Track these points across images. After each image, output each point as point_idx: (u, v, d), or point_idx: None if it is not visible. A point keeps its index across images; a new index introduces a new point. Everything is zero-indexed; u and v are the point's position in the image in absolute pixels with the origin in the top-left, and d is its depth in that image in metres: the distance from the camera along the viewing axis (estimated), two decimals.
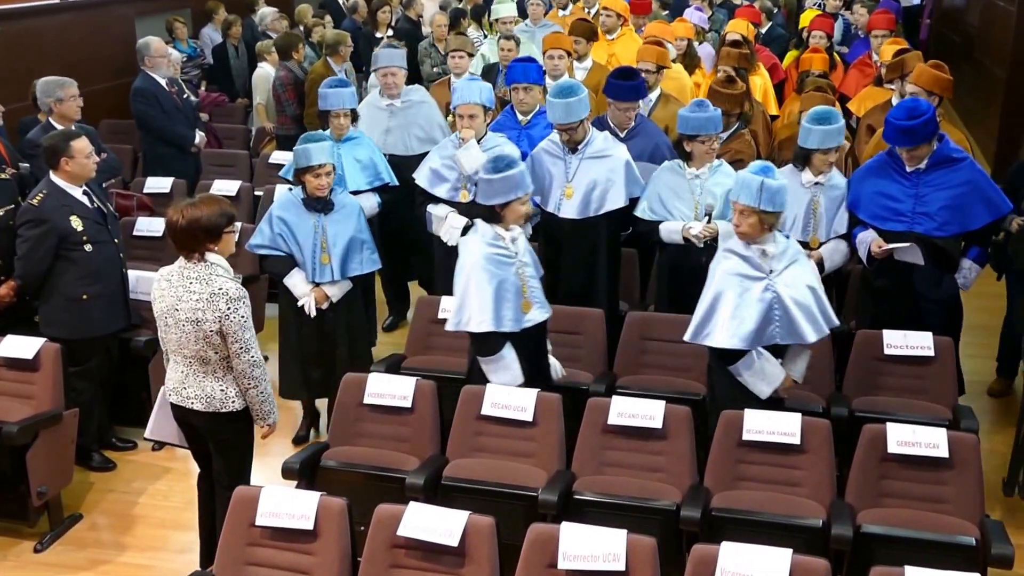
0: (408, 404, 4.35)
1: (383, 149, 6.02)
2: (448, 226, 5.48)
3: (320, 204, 4.95)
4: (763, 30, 9.49)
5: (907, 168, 4.81)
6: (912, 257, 4.76)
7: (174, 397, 3.94)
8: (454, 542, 3.29)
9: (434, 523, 3.33)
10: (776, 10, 10.40)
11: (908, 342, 4.66)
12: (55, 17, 8.58)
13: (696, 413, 4.18)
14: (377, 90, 6.51)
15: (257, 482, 3.93)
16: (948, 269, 4.89)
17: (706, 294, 4.13)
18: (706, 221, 4.94)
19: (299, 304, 4.98)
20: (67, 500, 4.85)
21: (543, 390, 4.31)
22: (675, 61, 7.13)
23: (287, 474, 4.18)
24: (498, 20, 8.53)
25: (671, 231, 5.03)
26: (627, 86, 5.39)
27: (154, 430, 4.14)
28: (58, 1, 8.63)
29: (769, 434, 3.97)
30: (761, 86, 7.32)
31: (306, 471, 4.21)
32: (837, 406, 4.50)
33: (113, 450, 5.35)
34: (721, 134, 5.20)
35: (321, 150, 4.86)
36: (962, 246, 4.95)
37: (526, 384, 4.32)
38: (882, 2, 9.68)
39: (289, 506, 3.47)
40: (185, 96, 7.77)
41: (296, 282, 4.98)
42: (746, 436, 4.00)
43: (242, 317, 3.77)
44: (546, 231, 5.37)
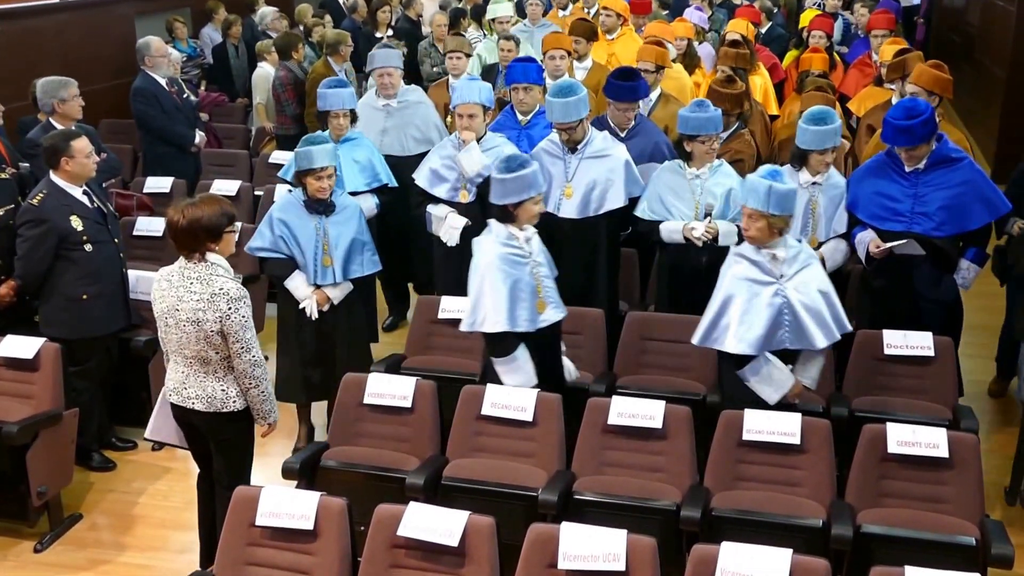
0: (408, 404, 4.35)
1: (379, 150, 6.00)
2: (448, 226, 5.48)
3: (321, 206, 4.93)
4: (763, 30, 9.49)
5: (906, 168, 4.81)
6: (911, 248, 4.76)
7: (174, 397, 3.94)
8: (454, 542, 3.29)
9: (434, 523, 3.33)
10: (776, 10, 10.40)
11: (908, 342, 4.66)
12: (55, 17, 8.58)
13: (696, 413, 4.18)
14: (374, 90, 6.49)
15: (257, 482, 3.93)
16: (947, 269, 4.89)
17: (715, 298, 4.11)
18: (707, 221, 4.94)
19: (300, 307, 4.96)
20: (67, 500, 4.85)
21: (559, 395, 4.31)
22: (675, 61, 7.12)
23: (287, 474, 4.18)
24: (495, 20, 8.53)
25: (672, 231, 5.03)
26: (627, 86, 5.40)
27: (154, 430, 4.14)
28: (58, 1, 8.62)
29: (769, 434, 3.97)
30: (761, 86, 7.31)
31: (306, 471, 4.21)
32: (837, 406, 4.50)
33: (113, 450, 5.36)
34: (721, 134, 5.20)
35: (323, 152, 4.83)
36: (960, 246, 4.95)
37: (539, 386, 4.31)
38: (882, 2, 9.67)
39: (289, 506, 3.47)
40: (185, 96, 7.76)
41: (297, 284, 4.95)
42: (746, 436, 4.00)
43: (243, 317, 3.77)
44: (546, 231, 5.33)
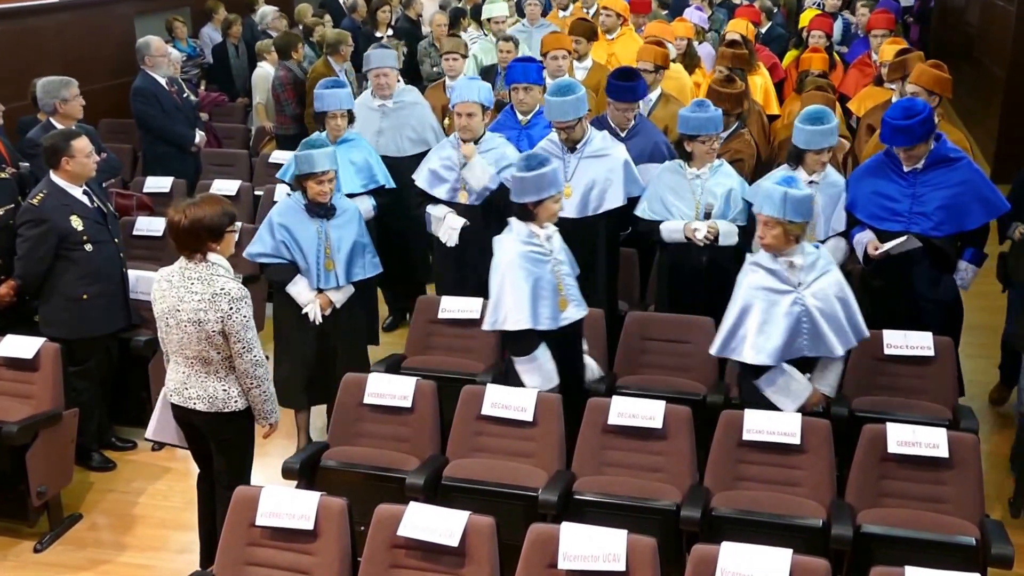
0: (408, 404, 4.35)
1: (375, 150, 5.96)
2: (447, 227, 5.46)
3: (322, 210, 4.89)
4: (763, 30, 9.49)
5: (904, 168, 4.81)
6: (910, 243, 4.76)
7: (175, 398, 3.94)
8: (454, 542, 3.29)
9: (434, 523, 3.33)
10: (776, 10, 10.40)
11: (908, 342, 4.65)
12: (54, 16, 8.57)
13: (696, 413, 4.17)
14: (370, 91, 6.45)
15: (257, 482, 3.93)
16: (946, 269, 4.88)
17: (732, 308, 4.08)
18: (708, 221, 4.94)
19: (303, 312, 4.90)
20: (67, 500, 4.85)
21: (577, 394, 4.32)
22: (675, 61, 7.12)
23: (287, 474, 4.18)
24: (490, 20, 8.50)
25: (672, 230, 5.03)
26: (627, 87, 5.40)
27: (155, 431, 4.14)
28: (57, 0, 8.62)
29: (769, 434, 3.97)
30: (762, 85, 7.31)
31: (306, 471, 4.21)
32: (837, 406, 4.49)
33: (113, 450, 5.36)
34: (721, 134, 5.19)
35: (324, 156, 4.79)
36: (959, 246, 4.95)
37: (560, 387, 4.31)
38: (882, 2, 9.68)
39: (289, 506, 3.47)
40: (185, 95, 7.76)
41: (300, 289, 4.90)
42: (746, 436, 4.00)
43: (244, 317, 3.77)
44: None
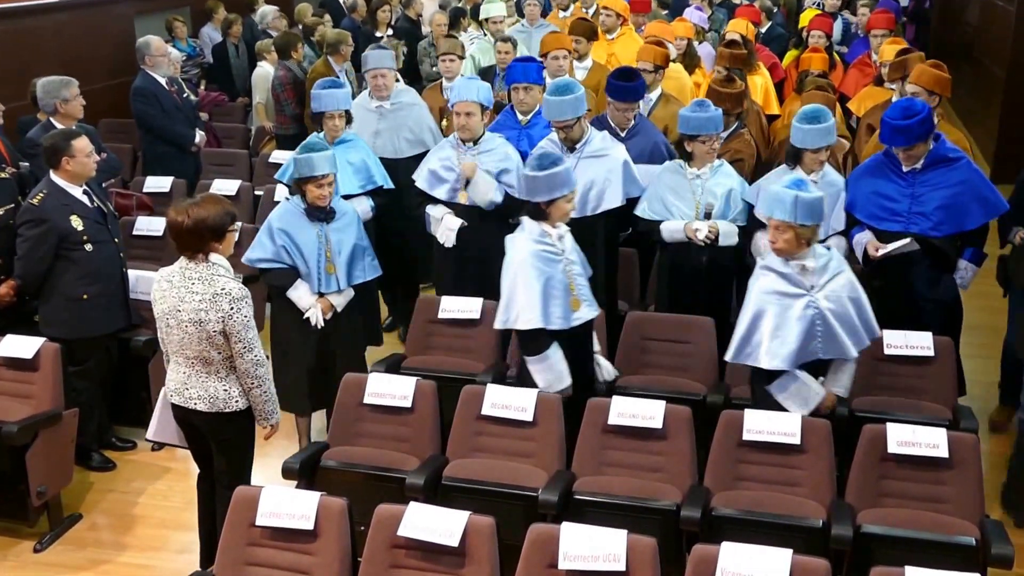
0: (408, 404, 4.35)
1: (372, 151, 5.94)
2: (444, 228, 5.43)
3: (322, 213, 4.86)
4: (763, 30, 9.49)
5: (904, 168, 4.81)
6: (908, 248, 4.75)
7: (176, 398, 3.94)
8: (454, 542, 3.29)
9: (434, 523, 3.33)
10: (776, 9, 10.40)
11: (908, 342, 4.66)
12: (53, 16, 8.57)
13: (696, 413, 4.17)
14: (367, 91, 6.42)
15: (257, 482, 3.93)
16: (946, 268, 4.88)
17: (745, 313, 4.07)
18: (708, 222, 4.94)
19: (304, 316, 4.85)
20: (67, 500, 4.85)
21: (588, 394, 4.32)
22: (675, 61, 7.12)
23: (287, 474, 4.18)
24: (488, 20, 8.48)
25: (673, 230, 5.03)
26: (627, 87, 5.40)
27: (156, 431, 4.14)
28: (56, 0, 8.61)
29: (769, 434, 3.97)
30: (762, 85, 7.31)
31: (306, 471, 4.21)
32: (837, 406, 4.49)
33: (113, 450, 5.35)
34: (721, 134, 5.19)
35: (324, 160, 4.75)
36: (958, 245, 4.95)
37: (571, 387, 4.32)
38: (881, 2, 9.68)
39: (289, 506, 3.47)
40: (185, 95, 7.76)
41: (301, 294, 4.86)
42: (746, 436, 4.00)
43: (245, 317, 3.77)
44: None
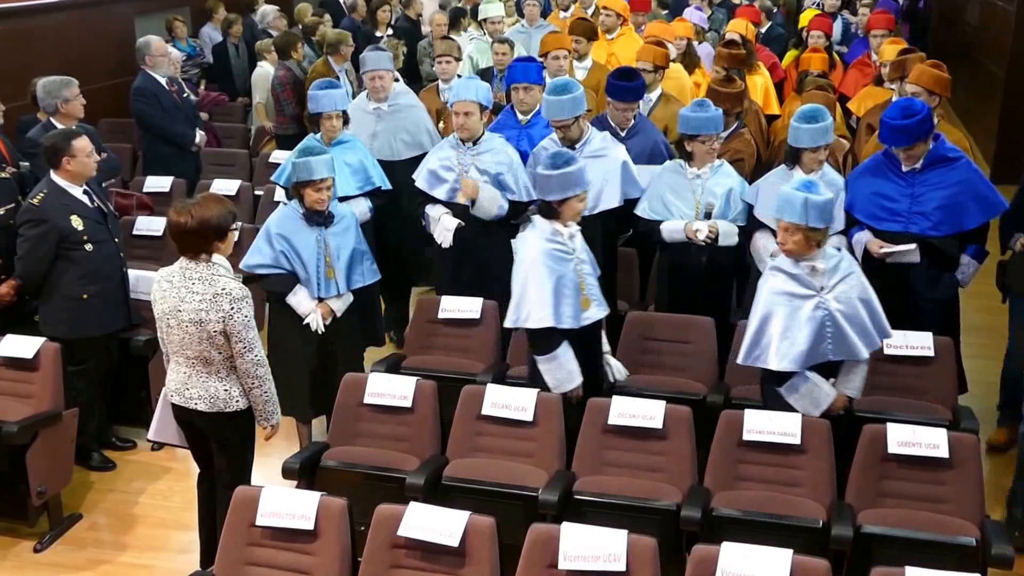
0: (408, 404, 4.35)
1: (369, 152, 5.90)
2: (441, 228, 5.41)
3: (320, 218, 4.82)
4: (762, 30, 9.49)
5: (903, 168, 4.81)
6: (908, 257, 4.76)
7: (176, 398, 3.94)
8: (454, 542, 3.29)
9: (434, 523, 3.33)
10: (775, 10, 10.40)
11: (908, 342, 4.65)
12: (53, 16, 8.57)
13: (696, 413, 4.17)
14: (365, 93, 6.39)
15: (257, 482, 3.93)
16: (945, 268, 4.89)
17: (754, 315, 4.06)
18: (708, 222, 4.94)
19: (304, 322, 4.82)
20: (67, 500, 4.84)
21: (596, 393, 4.32)
22: (675, 61, 7.12)
23: (287, 474, 4.18)
24: (486, 20, 8.46)
25: (673, 230, 5.03)
26: (626, 87, 5.40)
27: (157, 432, 4.14)
28: (57, 0, 8.61)
29: (769, 434, 3.97)
30: (763, 85, 7.31)
31: (306, 471, 4.21)
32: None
33: (113, 450, 5.35)
34: (721, 134, 5.19)
35: (323, 164, 4.72)
36: (959, 244, 4.94)
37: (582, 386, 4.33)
38: (881, 2, 9.68)
39: (289, 506, 3.47)
40: (185, 95, 7.76)
41: (301, 300, 4.82)
42: (746, 436, 4.00)
43: (245, 317, 3.77)
44: None
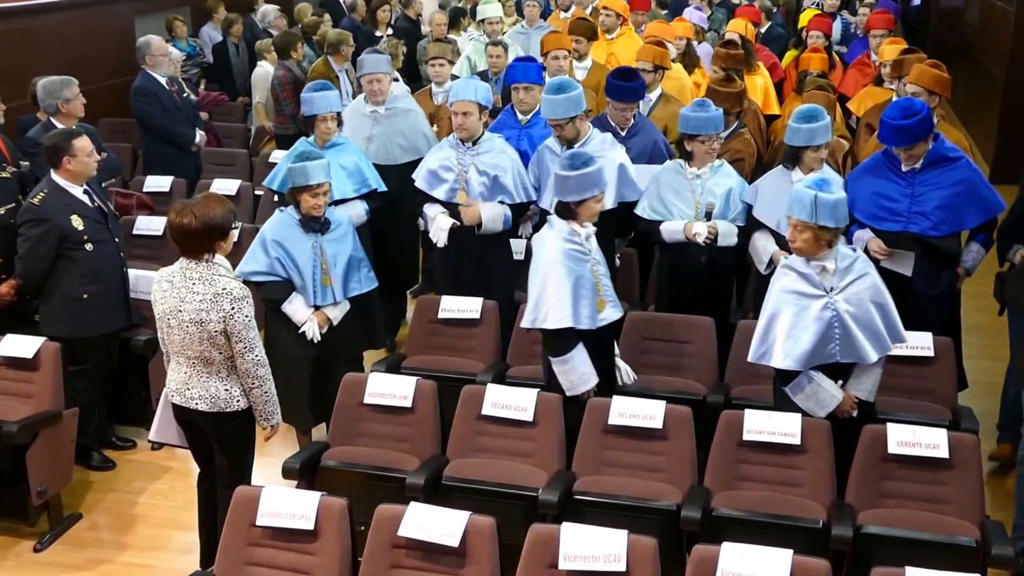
0: (408, 404, 4.35)
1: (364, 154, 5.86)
2: (436, 227, 5.39)
3: (316, 224, 4.78)
4: (762, 30, 9.49)
5: (903, 168, 4.81)
6: (901, 267, 4.75)
7: (177, 398, 3.94)
8: (454, 542, 3.29)
9: (434, 523, 3.33)
10: (775, 10, 10.40)
11: (908, 342, 4.63)
12: (54, 16, 8.56)
13: (696, 413, 4.17)
14: (363, 96, 6.36)
15: (257, 482, 3.93)
16: (945, 267, 4.88)
17: (763, 312, 4.05)
18: (708, 222, 4.94)
19: (300, 330, 4.78)
20: (67, 500, 4.85)
21: (607, 394, 4.31)
22: (674, 61, 7.12)
23: (287, 474, 4.18)
24: (484, 20, 8.44)
25: (673, 231, 5.03)
26: (626, 87, 5.40)
27: (158, 432, 4.14)
28: (57, 0, 8.61)
29: (769, 434, 3.97)
30: (763, 85, 7.31)
31: (306, 471, 4.21)
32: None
33: (113, 449, 5.36)
34: (721, 134, 5.19)
35: (319, 169, 4.67)
36: (960, 243, 4.93)
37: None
38: (881, 2, 9.68)
39: (289, 506, 3.48)
40: (185, 95, 7.76)
41: (296, 307, 4.77)
42: (746, 436, 4.00)
43: (246, 317, 3.77)
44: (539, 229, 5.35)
